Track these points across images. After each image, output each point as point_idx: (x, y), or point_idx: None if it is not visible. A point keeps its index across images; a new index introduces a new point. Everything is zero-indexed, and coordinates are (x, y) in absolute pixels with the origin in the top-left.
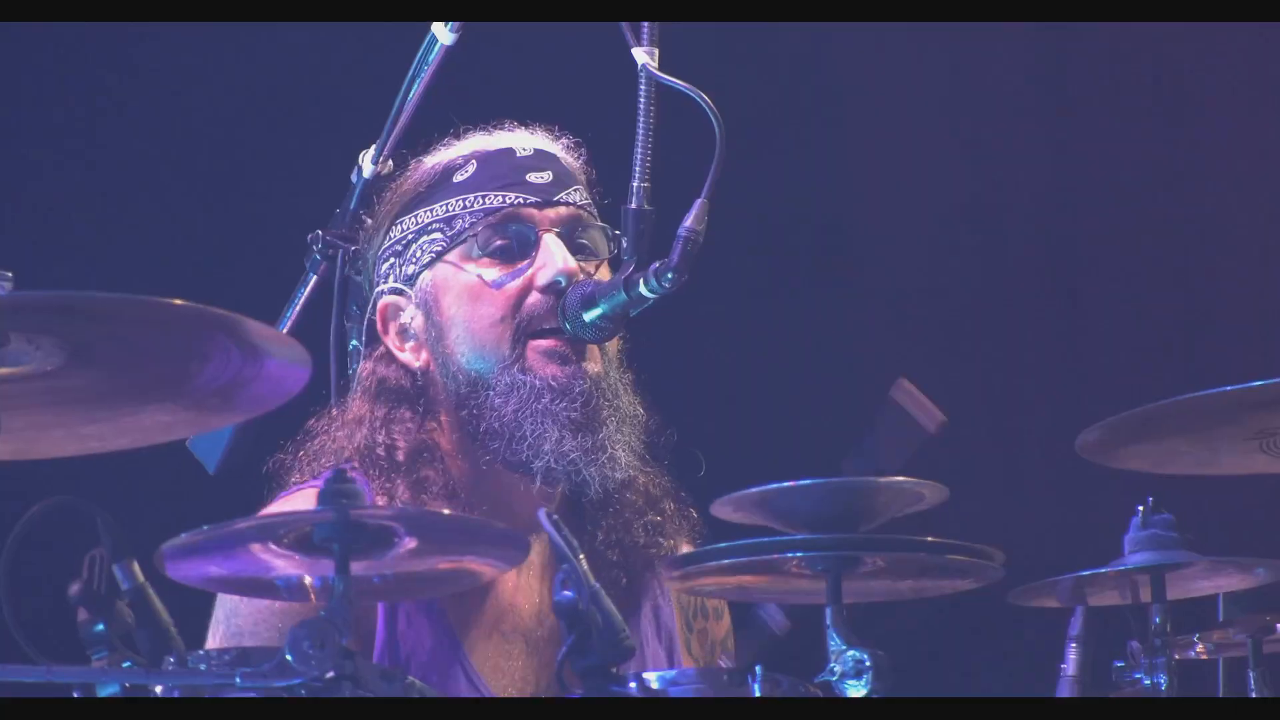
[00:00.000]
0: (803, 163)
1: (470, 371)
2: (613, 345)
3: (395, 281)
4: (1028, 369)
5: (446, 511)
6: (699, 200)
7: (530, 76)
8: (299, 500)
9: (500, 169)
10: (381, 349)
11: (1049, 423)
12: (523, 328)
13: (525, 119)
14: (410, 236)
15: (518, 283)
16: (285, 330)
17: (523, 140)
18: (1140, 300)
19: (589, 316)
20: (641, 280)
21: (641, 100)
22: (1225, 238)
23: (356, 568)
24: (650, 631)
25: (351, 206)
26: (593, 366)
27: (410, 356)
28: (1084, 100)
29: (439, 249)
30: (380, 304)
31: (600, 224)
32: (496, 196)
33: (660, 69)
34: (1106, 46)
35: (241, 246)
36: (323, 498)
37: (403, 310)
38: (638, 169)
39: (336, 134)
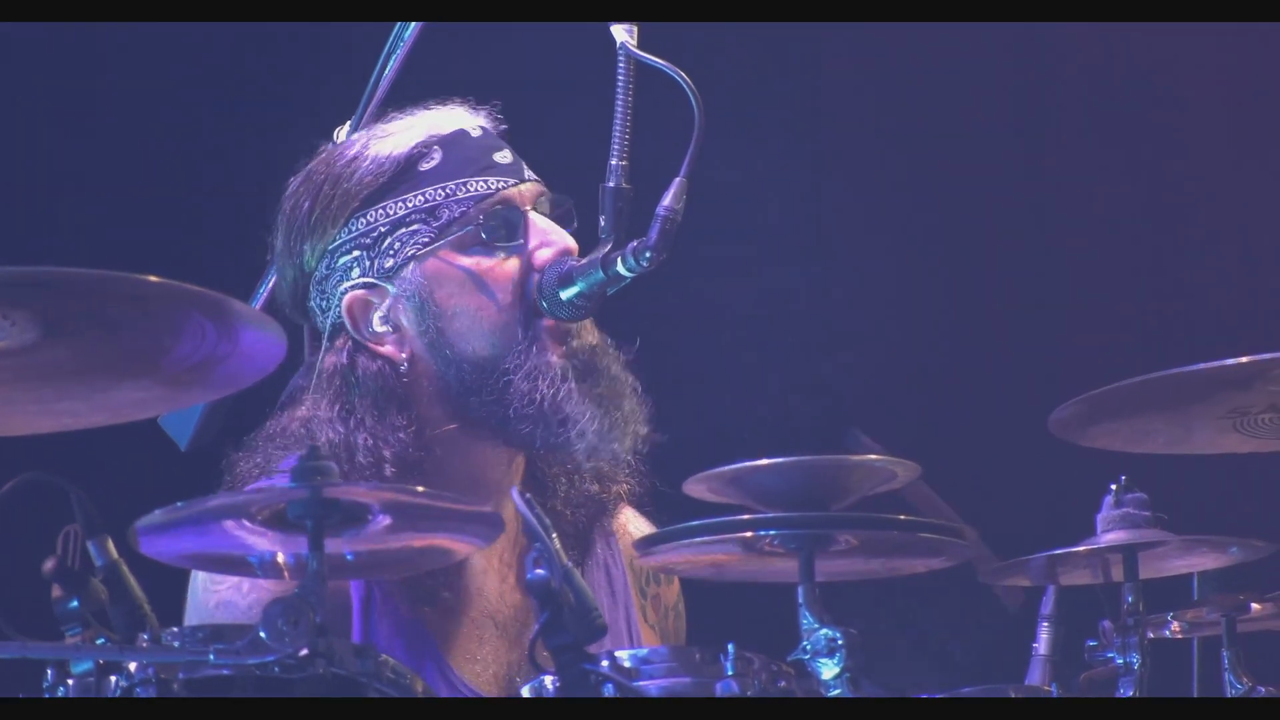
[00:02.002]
0: (779, 142)
1: (481, 359)
2: None
3: (364, 276)
4: (1000, 346)
5: (420, 489)
6: (677, 179)
7: (502, 51)
8: None
9: (468, 153)
10: (350, 343)
11: (1021, 401)
12: (527, 310)
13: (501, 95)
14: (382, 229)
15: (517, 264)
16: (259, 307)
17: (464, 119)
18: (1114, 278)
19: (566, 295)
20: (619, 259)
21: (620, 78)
22: (1199, 216)
23: (330, 545)
24: (605, 599)
25: None
26: (591, 338)
27: (392, 349)
28: (1056, 84)
29: (424, 240)
30: (348, 299)
31: (554, 194)
32: (479, 183)
33: (639, 48)
34: (1080, 36)
35: (215, 223)
36: (296, 474)
37: (376, 305)
38: (616, 147)
39: (310, 110)
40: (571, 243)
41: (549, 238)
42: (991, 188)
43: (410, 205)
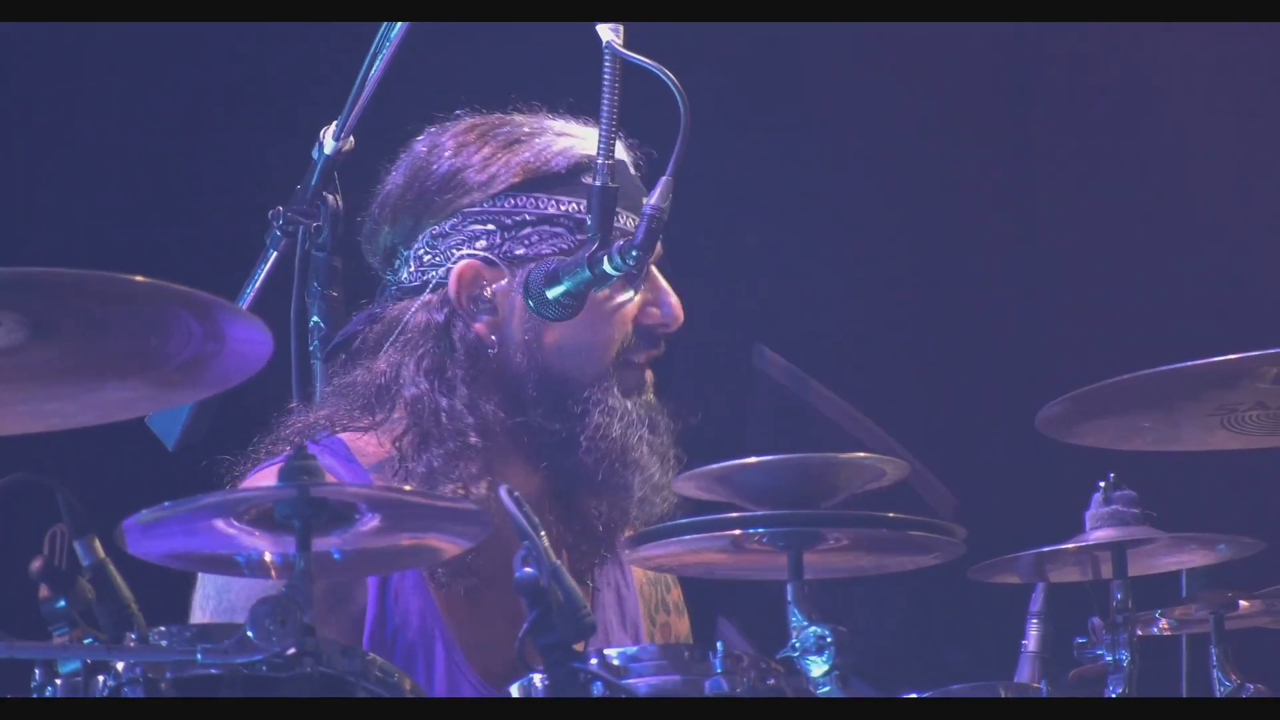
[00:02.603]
0: (766, 140)
1: (564, 379)
2: None
3: (489, 251)
4: (988, 344)
5: (408, 488)
6: (664, 178)
7: (490, 51)
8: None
9: (626, 187)
10: (443, 305)
11: (1010, 398)
12: (623, 353)
13: (490, 95)
14: (526, 217)
15: (635, 306)
16: (246, 307)
17: (624, 153)
18: (1102, 275)
19: (552, 294)
20: (605, 258)
21: (606, 77)
22: (1187, 213)
23: (319, 544)
24: (615, 620)
25: (312, 183)
26: (652, 395)
27: (484, 330)
28: (1044, 84)
29: (563, 247)
30: (464, 264)
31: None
32: (629, 218)
33: (625, 47)
34: (1066, 36)
35: (203, 223)
36: (284, 474)
37: (487, 282)
38: (602, 147)
39: (297, 110)
40: (681, 318)
41: (668, 300)
42: (978, 186)
43: (564, 209)
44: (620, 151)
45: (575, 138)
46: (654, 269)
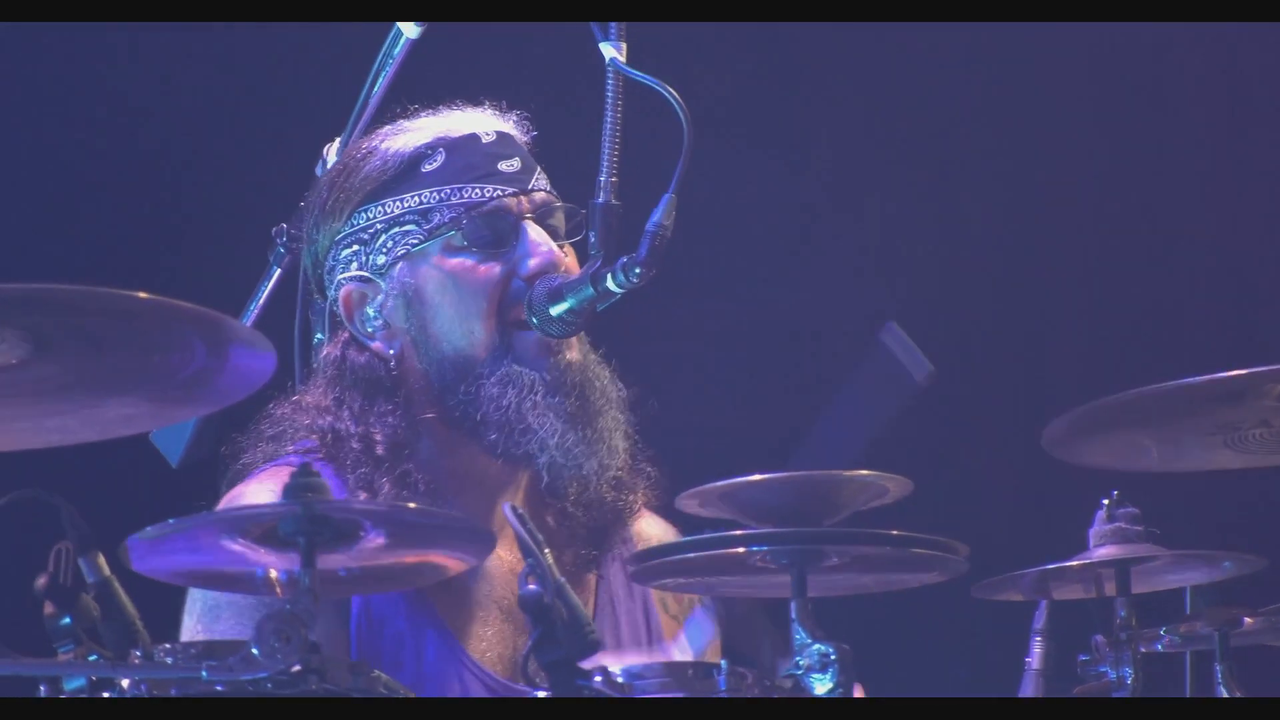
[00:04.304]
0: (768, 155)
1: (458, 360)
2: None
3: (360, 270)
4: (992, 362)
5: (412, 505)
6: (666, 195)
7: (493, 68)
8: (256, 487)
9: (471, 158)
10: (346, 335)
11: (1014, 416)
12: (507, 317)
13: (487, 99)
14: (379, 226)
15: (499, 269)
16: (249, 323)
17: (483, 123)
18: (1105, 293)
19: (556, 311)
20: (609, 275)
21: (609, 95)
22: (1190, 231)
23: (323, 561)
24: (622, 590)
25: None
26: (574, 354)
27: (381, 345)
28: (1047, 95)
29: (414, 241)
30: (344, 291)
31: (565, 205)
32: (474, 190)
33: (628, 64)
34: (1068, 45)
35: (205, 240)
36: (288, 492)
37: (370, 299)
38: (605, 164)
39: (301, 127)
40: (558, 253)
41: (538, 248)
42: (982, 202)
43: (406, 205)
44: (498, 122)
45: (411, 132)
46: (526, 224)
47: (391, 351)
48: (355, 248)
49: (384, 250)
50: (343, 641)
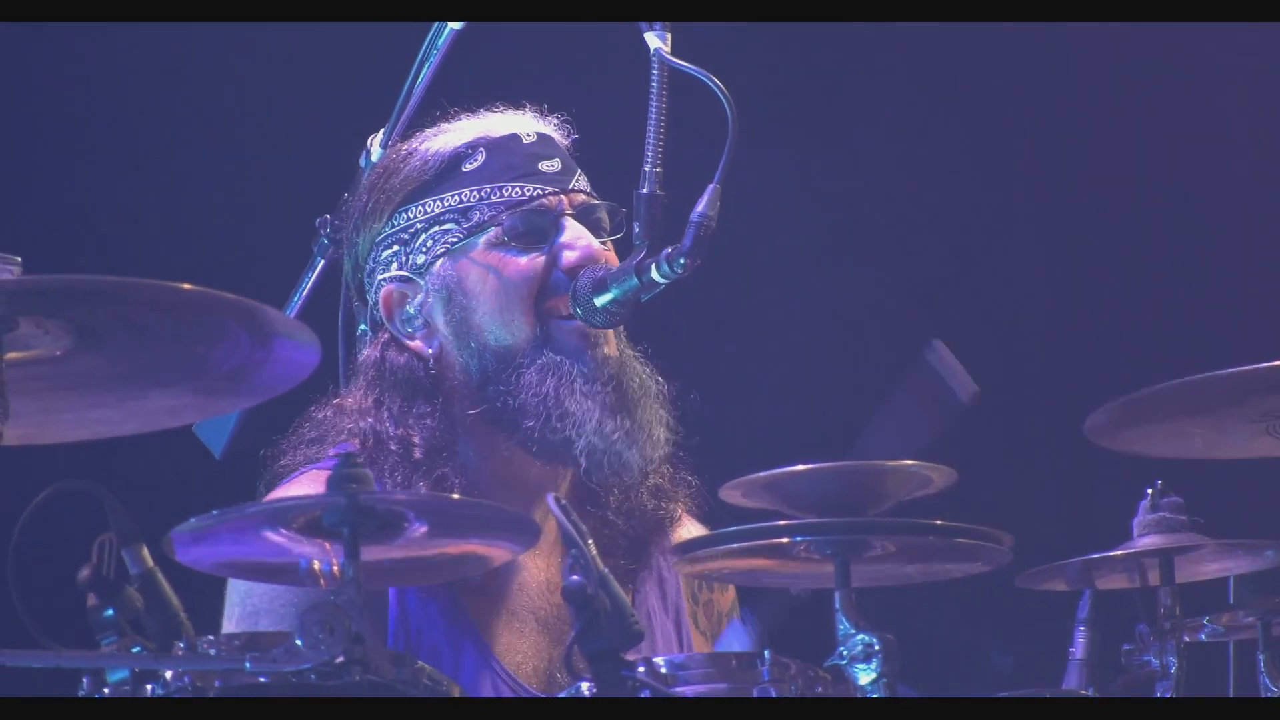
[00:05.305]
0: (812, 147)
1: (499, 350)
2: None
3: (400, 270)
4: (1035, 352)
5: (455, 496)
6: (711, 185)
7: (537, 59)
8: (305, 484)
9: (512, 158)
10: (386, 336)
11: (1057, 406)
12: (546, 308)
13: (528, 100)
14: (419, 226)
15: (541, 262)
16: (293, 315)
17: (523, 124)
18: (1149, 283)
19: (600, 301)
20: (653, 265)
21: (654, 85)
22: (1233, 220)
23: (367, 552)
24: (657, 604)
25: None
26: (610, 349)
27: (421, 344)
28: (1090, 86)
29: (454, 239)
30: (384, 291)
31: (606, 203)
32: (514, 189)
33: (672, 54)
34: (1110, 39)
35: (250, 231)
36: (332, 483)
37: (410, 298)
38: (650, 154)
39: (345, 118)
40: (597, 246)
41: (578, 241)
42: (1026, 192)
43: (446, 204)
44: (539, 124)
45: (451, 132)
46: (566, 220)
47: (430, 350)
48: (395, 248)
49: (424, 249)
50: None
